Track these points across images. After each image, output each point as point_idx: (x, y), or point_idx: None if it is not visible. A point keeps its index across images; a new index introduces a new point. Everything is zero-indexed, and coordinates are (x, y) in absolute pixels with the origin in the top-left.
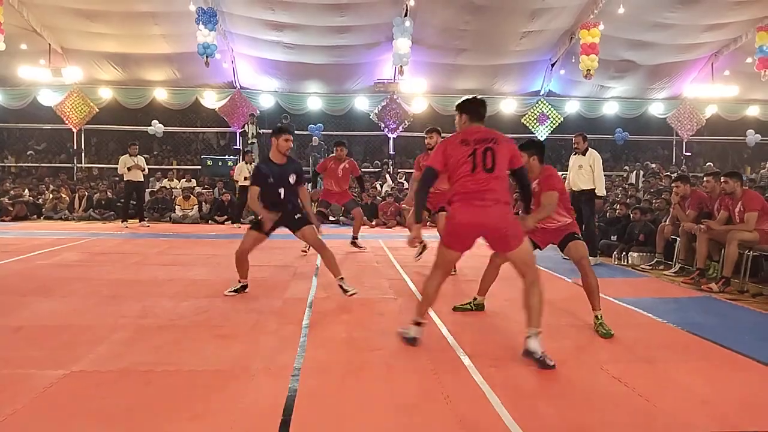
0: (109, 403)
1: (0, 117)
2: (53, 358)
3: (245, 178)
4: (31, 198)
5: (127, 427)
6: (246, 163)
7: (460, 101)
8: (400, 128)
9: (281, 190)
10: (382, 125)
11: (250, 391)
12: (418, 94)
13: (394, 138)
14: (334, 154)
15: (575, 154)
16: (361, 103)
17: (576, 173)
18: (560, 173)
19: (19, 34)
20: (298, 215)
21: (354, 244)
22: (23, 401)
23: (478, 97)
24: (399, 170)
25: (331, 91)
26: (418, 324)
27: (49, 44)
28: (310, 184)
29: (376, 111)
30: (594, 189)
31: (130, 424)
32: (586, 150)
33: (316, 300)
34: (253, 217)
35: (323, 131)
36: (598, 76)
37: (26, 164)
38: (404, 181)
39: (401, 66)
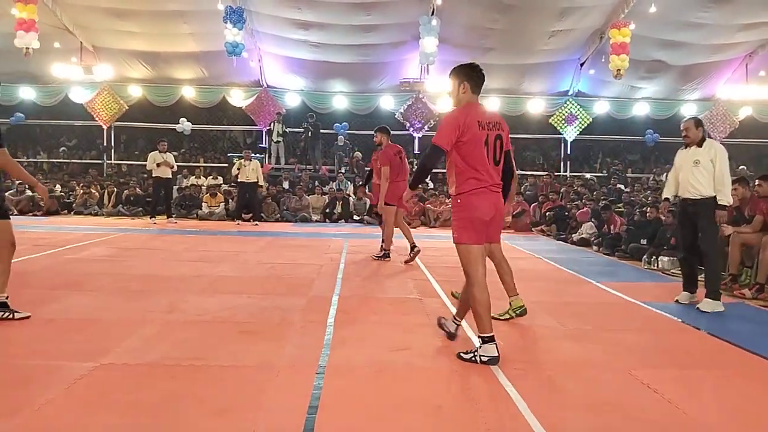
0: (136, 395)
1: (33, 113)
2: (83, 350)
3: (243, 174)
4: (62, 193)
5: (153, 419)
6: (245, 160)
7: (460, 65)
8: (426, 128)
9: None
10: (408, 125)
11: (276, 388)
12: (444, 93)
13: (419, 138)
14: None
15: (684, 148)
16: (387, 103)
17: (689, 173)
18: (588, 175)
19: (53, 33)
20: None
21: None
22: (55, 392)
23: (475, 64)
24: None
25: (357, 90)
26: (490, 339)
27: (81, 42)
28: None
29: (402, 110)
30: (714, 196)
31: (157, 416)
32: (703, 141)
33: (341, 299)
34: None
35: (348, 130)
36: (629, 77)
37: (58, 160)
38: (429, 181)
39: (427, 65)
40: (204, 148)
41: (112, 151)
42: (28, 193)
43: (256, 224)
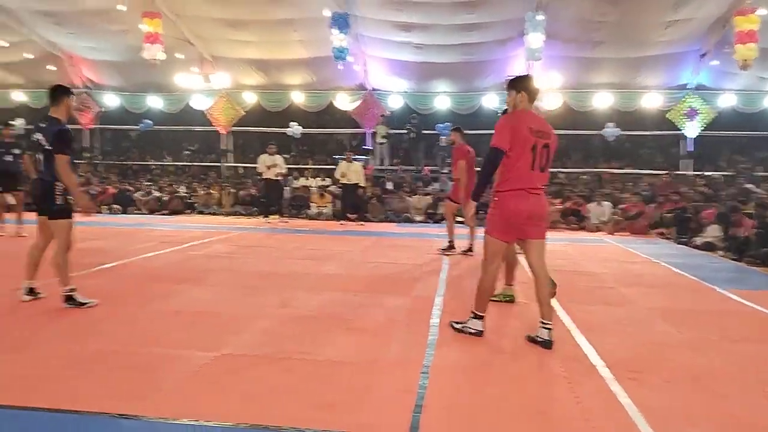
0: (251, 385)
1: (159, 120)
2: (205, 341)
3: (342, 175)
4: (185, 194)
5: (265, 407)
6: (347, 162)
7: (515, 77)
8: None
9: None
10: None
11: (381, 384)
12: (551, 89)
13: None
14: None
15: None
16: (491, 101)
17: None
18: (712, 173)
19: (176, 45)
20: None
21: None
22: (181, 378)
23: (530, 75)
24: None
25: (460, 89)
26: (480, 317)
27: (201, 53)
28: None
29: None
30: None
31: (269, 405)
32: None
33: (444, 299)
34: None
35: (449, 132)
36: (757, 67)
37: (181, 163)
38: None
39: (533, 61)
40: (312, 150)
41: (230, 154)
42: (155, 194)
43: (362, 224)
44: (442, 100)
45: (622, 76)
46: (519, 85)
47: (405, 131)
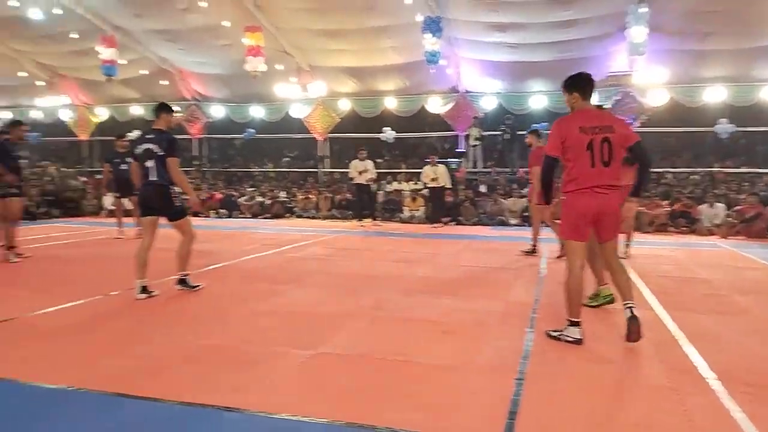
0: (347, 383)
1: (261, 129)
2: (303, 339)
3: (432, 180)
4: (285, 199)
5: (361, 407)
6: (431, 165)
7: (566, 79)
8: (636, 123)
9: None
10: None
11: (475, 389)
12: (656, 85)
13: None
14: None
15: None
16: (591, 99)
17: None
18: None
19: (276, 56)
20: None
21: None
22: (281, 374)
23: (583, 72)
24: None
25: (556, 88)
26: (576, 324)
27: (299, 63)
28: None
29: (608, 106)
30: None
31: (364, 405)
32: None
33: (540, 305)
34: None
35: (548, 131)
36: None
37: (281, 170)
38: None
39: (636, 56)
40: (405, 154)
41: (327, 160)
42: (258, 199)
43: (454, 223)
44: (537, 100)
45: (736, 68)
46: (570, 86)
47: (499, 132)
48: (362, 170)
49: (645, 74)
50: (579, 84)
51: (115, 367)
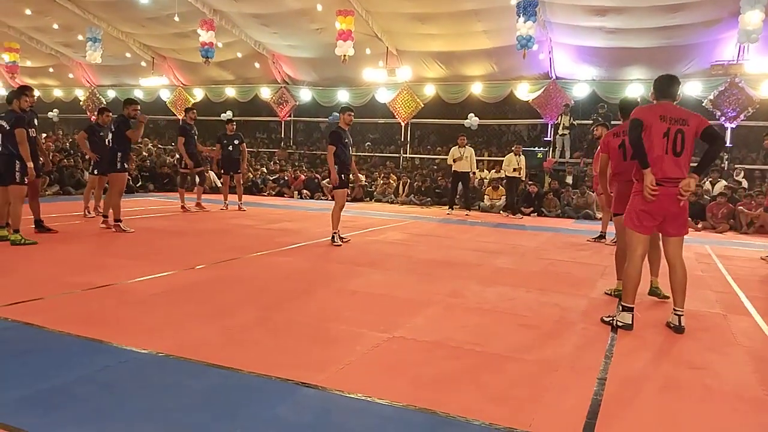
0: (421, 369)
1: None
2: (379, 322)
3: (513, 170)
4: (365, 182)
5: (435, 393)
6: (515, 155)
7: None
8: (742, 116)
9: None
10: (718, 113)
11: (555, 386)
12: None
13: (732, 128)
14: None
15: None
16: (692, 89)
17: None
18: None
19: (364, 40)
20: None
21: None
22: (357, 355)
23: (670, 74)
24: (736, 166)
25: (655, 76)
26: (629, 309)
27: (387, 47)
28: None
29: (712, 97)
30: None
31: (439, 392)
32: None
33: None
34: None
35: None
36: None
37: (363, 153)
38: (742, 179)
39: (747, 44)
40: (489, 142)
41: (408, 145)
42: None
43: (535, 215)
44: (634, 88)
45: None
46: (653, 86)
47: (590, 122)
48: (458, 158)
49: (757, 63)
50: (655, 86)
51: (202, 336)
